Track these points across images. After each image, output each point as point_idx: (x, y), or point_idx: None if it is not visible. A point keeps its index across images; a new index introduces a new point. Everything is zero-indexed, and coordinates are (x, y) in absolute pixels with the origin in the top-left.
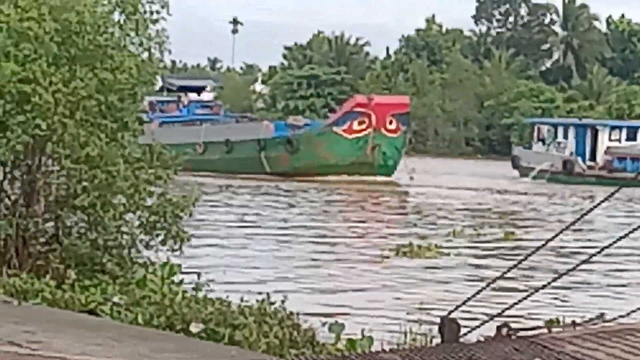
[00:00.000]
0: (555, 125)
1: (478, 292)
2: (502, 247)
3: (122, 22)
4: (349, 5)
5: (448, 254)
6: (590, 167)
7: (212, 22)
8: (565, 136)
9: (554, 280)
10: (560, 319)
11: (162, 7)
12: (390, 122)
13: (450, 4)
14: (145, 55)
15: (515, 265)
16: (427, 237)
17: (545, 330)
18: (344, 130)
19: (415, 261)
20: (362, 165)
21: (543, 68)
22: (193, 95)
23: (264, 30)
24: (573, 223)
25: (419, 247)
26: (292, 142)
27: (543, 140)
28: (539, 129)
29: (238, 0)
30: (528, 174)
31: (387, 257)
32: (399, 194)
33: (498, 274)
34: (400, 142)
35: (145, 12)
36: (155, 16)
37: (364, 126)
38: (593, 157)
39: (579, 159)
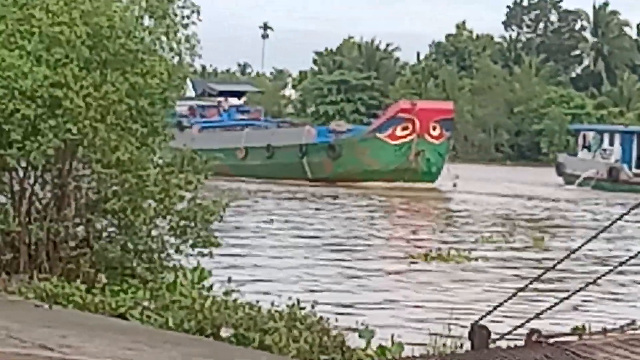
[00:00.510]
0: (601, 132)
1: (508, 299)
2: (531, 254)
3: (152, 26)
4: (379, 12)
5: (476, 259)
6: (636, 175)
7: (242, 28)
8: (611, 143)
9: (583, 288)
10: (589, 326)
11: (193, 11)
12: (434, 128)
13: (481, 10)
14: (176, 59)
15: (544, 273)
16: (459, 243)
17: (575, 337)
18: (388, 136)
19: (444, 266)
20: (405, 172)
21: (573, 74)
22: (233, 100)
23: (294, 36)
24: (601, 232)
25: (448, 252)
26: (335, 148)
27: (589, 147)
28: (584, 136)
29: (269, 6)
30: (573, 181)
31: (416, 263)
32: (441, 200)
33: (526, 281)
34: (444, 148)
35: (175, 16)
36: (185, 20)
37: (407, 132)
38: (639, 165)
39: (625, 167)
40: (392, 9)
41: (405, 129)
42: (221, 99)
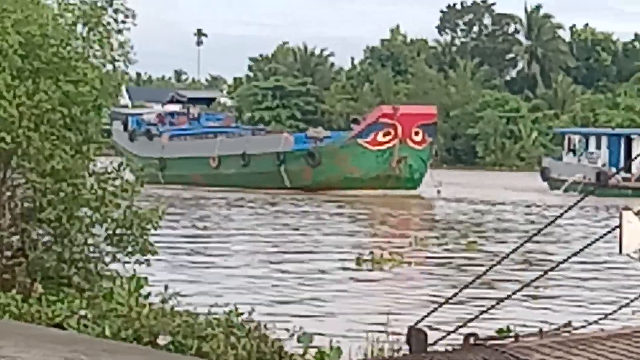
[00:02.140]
0: (586, 135)
1: (445, 302)
2: (465, 257)
3: (85, 33)
4: (314, 17)
5: (409, 263)
6: (625, 179)
7: (177, 35)
8: (598, 146)
9: (519, 290)
10: (527, 328)
11: (127, 16)
12: (417, 134)
13: (415, 14)
14: (110, 67)
15: (480, 276)
16: (398, 247)
17: (512, 340)
18: (369, 142)
19: (378, 271)
20: (387, 179)
21: (508, 77)
22: (171, 107)
23: (228, 43)
24: (535, 234)
25: (381, 256)
26: (314, 155)
27: (574, 151)
28: (569, 139)
29: (203, 13)
30: (558, 186)
31: (347, 268)
32: (423, 207)
33: (461, 284)
34: (427, 154)
35: (109, 23)
36: (119, 26)
37: (389, 138)
38: (627, 169)
39: (613, 170)
40: (327, 14)
41: (387, 134)
42: (189, 105)
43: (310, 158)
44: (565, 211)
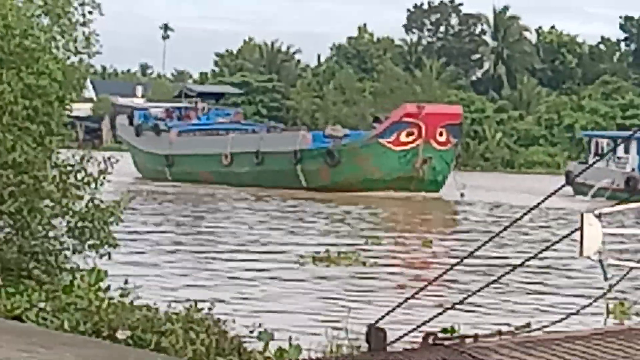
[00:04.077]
0: (614, 139)
1: (405, 301)
2: (418, 256)
3: (49, 25)
4: (281, 14)
5: (364, 263)
6: None
7: (143, 29)
8: (627, 151)
9: (479, 290)
10: (487, 328)
11: (93, 8)
12: (441, 134)
13: (382, 13)
14: (75, 59)
15: (441, 275)
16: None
17: (471, 340)
18: (391, 142)
19: (335, 269)
20: (409, 181)
21: (474, 78)
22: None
23: (194, 37)
24: (495, 236)
25: (338, 254)
26: (333, 154)
27: (601, 155)
28: (597, 142)
29: (169, 8)
30: (584, 191)
31: (302, 265)
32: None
33: (420, 284)
34: (451, 155)
35: (73, 15)
36: (84, 18)
37: (412, 138)
38: None
39: None
40: (294, 11)
41: (410, 134)
42: (197, 100)
43: (329, 157)
44: (528, 211)
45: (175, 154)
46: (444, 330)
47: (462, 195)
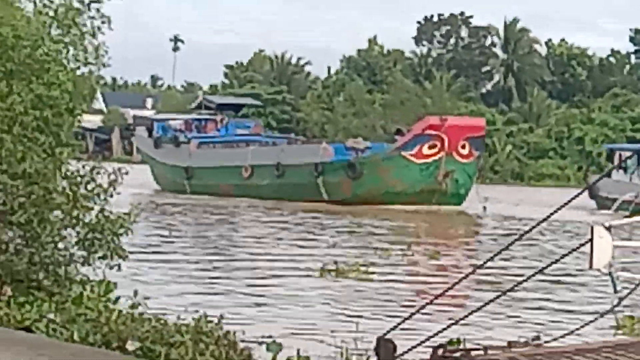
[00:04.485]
0: (639, 152)
1: (414, 313)
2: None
3: (59, 35)
4: (292, 26)
5: (372, 273)
6: None
7: (153, 41)
8: None
9: (489, 303)
10: (497, 341)
11: (103, 22)
12: (463, 147)
13: (392, 26)
14: (85, 69)
15: (450, 288)
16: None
17: (480, 352)
18: (413, 155)
19: (344, 281)
20: (432, 194)
21: (484, 90)
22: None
23: (205, 49)
24: (504, 249)
25: (346, 265)
26: (355, 167)
27: (625, 168)
28: (620, 155)
29: (179, 20)
30: (607, 205)
31: (310, 276)
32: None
33: (429, 296)
34: (473, 168)
35: (84, 25)
36: (95, 30)
37: (434, 150)
38: None
39: None
40: (305, 24)
41: (432, 147)
42: (217, 112)
43: (350, 170)
44: (539, 223)
45: (195, 166)
46: (451, 343)
47: (484, 208)
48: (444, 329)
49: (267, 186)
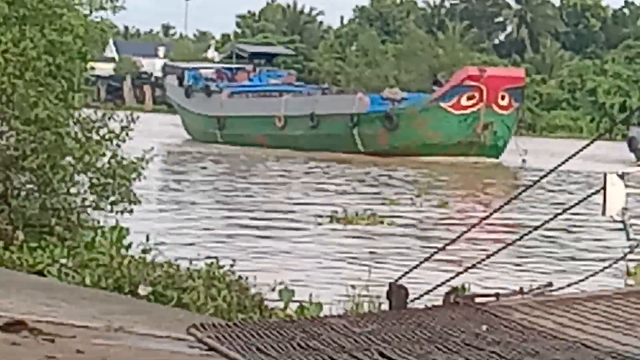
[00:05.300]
0: None
1: (426, 259)
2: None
3: None
4: None
5: (382, 222)
6: None
7: None
8: None
9: (499, 250)
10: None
11: None
12: (503, 98)
13: None
14: (98, 14)
15: (460, 235)
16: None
17: (493, 298)
18: (451, 106)
19: (352, 228)
20: (470, 146)
21: (496, 41)
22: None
23: None
24: (509, 202)
25: (356, 214)
26: (392, 118)
27: None
28: None
29: None
30: None
31: (320, 224)
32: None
33: (438, 243)
34: (512, 120)
35: None
36: None
37: (473, 102)
38: None
39: None
40: None
41: (471, 98)
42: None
43: (387, 121)
44: (548, 173)
45: (227, 115)
46: (455, 289)
47: (523, 161)
48: (456, 276)
49: (301, 137)
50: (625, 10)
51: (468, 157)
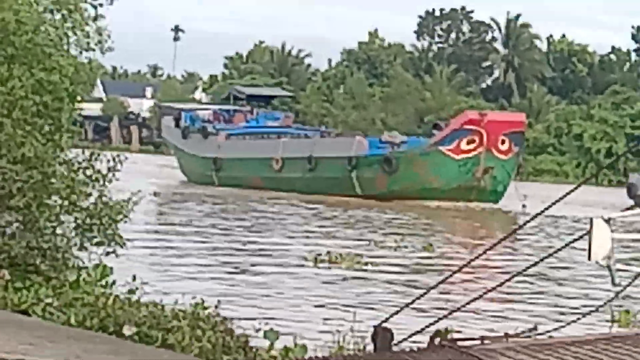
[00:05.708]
0: None
1: (412, 302)
2: (420, 260)
3: (60, 20)
4: (293, 18)
5: (366, 264)
6: None
7: (153, 30)
8: None
9: (485, 293)
10: (493, 332)
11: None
12: (503, 142)
13: (393, 19)
14: (85, 55)
15: (449, 277)
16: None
17: (478, 342)
18: (451, 150)
19: (337, 270)
20: (469, 190)
21: (484, 85)
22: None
23: (205, 39)
24: (497, 243)
25: (340, 255)
26: (391, 162)
27: None
28: None
29: (180, 9)
30: None
31: (302, 266)
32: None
33: (424, 286)
34: (512, 164)
35: (86, 9)
36: (96, 15)
37: (473, 146)
38: None
39: None
40: (305, 14)
41: (471, 142)
42: (243, 103)
43: (386, 164)
44: (520, 226)
45: (224, 157)
46: (438, 333)
47: (523, 206)
48: (441, 319)
49: (299, 179)
50: (612, 56)
51: (467, 202)
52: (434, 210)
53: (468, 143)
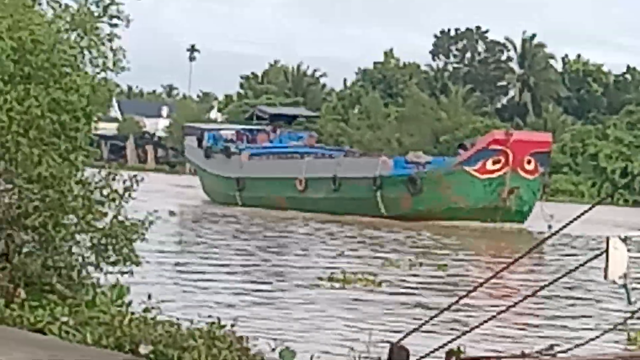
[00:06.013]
0: None
1: (427, 321)
2: (434, 279)
3: (77, 39)
4: (308, 38)
5: (379, 284)
6: None
7: (169, 49)
8: None
9: (501, 313)
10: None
11: (120, 20)
12: (529, 162)
13: (409, 39)
14: (102, 75)
15: (464, 296)
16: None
17: None
18: (477, 170)
19: (350, 289)
20: (495, 210)
21: (499, 105)
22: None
23: (220, 59)
24: (510, 264)
25: (353, 274)
26: (416, 182)
27: None
28: None
29: (196, 29)
30: None
31: (317, 286)
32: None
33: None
34: (537, 184)
35: (102, 30)
36: (112, 34)
37: (499, 166)
38: None
39: None
40: (322, 35)
41: (496, 162)
42: (266, 123)
43: (411, 185)
44: (530, 250)
45: (247, 177)
46: (451, 352)
47: (549, 227)
48: (456, 338)
49: (323, 200)
50: (627, 76)
51: (493, 222)
52: (458, 229)
53: (494, 163)
